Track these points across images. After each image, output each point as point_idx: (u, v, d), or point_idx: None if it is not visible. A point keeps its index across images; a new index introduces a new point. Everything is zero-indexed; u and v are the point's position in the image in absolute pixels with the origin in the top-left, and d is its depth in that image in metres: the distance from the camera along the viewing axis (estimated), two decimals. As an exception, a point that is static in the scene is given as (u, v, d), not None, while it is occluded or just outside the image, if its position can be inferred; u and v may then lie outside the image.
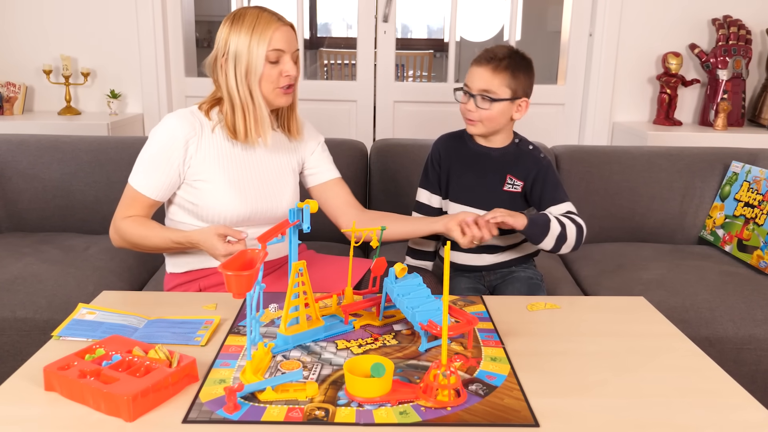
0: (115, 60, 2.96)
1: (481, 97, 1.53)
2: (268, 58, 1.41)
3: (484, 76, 1.52)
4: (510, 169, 1.62)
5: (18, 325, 1.61)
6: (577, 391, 1.00)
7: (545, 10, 5.10)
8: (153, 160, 1.45)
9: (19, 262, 1.79)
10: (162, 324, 1.20)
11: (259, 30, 1.40)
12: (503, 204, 1.59)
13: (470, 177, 1.64)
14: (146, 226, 1.45)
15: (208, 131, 1.48)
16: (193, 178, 1.46)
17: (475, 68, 1.55)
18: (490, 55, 1.53)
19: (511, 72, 1.52)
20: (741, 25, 2.86)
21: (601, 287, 1.85)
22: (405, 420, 0.91)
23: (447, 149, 1.68)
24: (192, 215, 1.49)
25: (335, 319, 1.23)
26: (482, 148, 1.63)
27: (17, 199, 2.12)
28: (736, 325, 1.67)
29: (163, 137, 1.44)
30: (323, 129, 1.80)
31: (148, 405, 0.92)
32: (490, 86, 1.52)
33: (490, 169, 1.63)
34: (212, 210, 1.47)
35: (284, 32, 1.43)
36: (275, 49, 1.41)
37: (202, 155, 1.46)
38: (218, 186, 1.46)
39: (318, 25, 6.12)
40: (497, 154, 1.63)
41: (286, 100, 1.48)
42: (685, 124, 3.01)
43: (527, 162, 1.62)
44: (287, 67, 1.43)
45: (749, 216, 1.96)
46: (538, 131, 3.03)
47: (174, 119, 1.45)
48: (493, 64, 1.52)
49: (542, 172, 1.60)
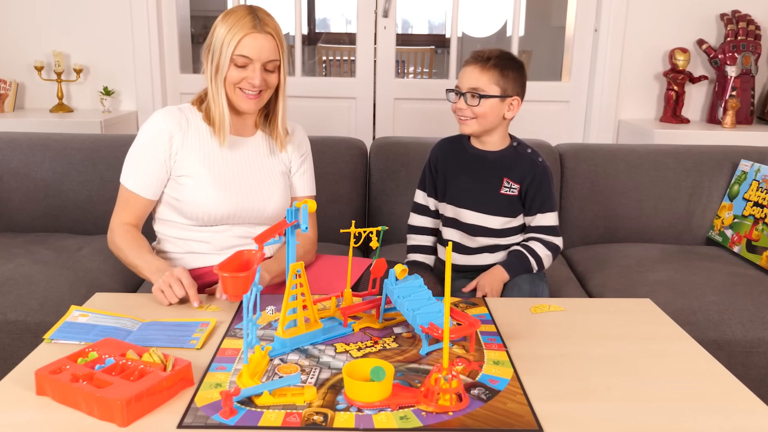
0: (109, 56, 2.96)
1: (470, 95, 1.57)
2: (234, 62, 1.44)
3: (473, 74, 1.58)
4: (507, 172, 1.63)
5: (9, 328, 1.61)
6: (582, 395, 1.00)
7: (549, 4, 5.10)
8: (140, 157, 1.49)
9: (10, 263, 1.79)
10: (156, 327, 1.20)
11: (233, 31, 1.43)
12: (500, 207, 1.64)
13: (467, 180, 1.66)
14: (130, 242, 1.46)
15: (195, 127, 1.51)
16: (178, 173, 1.49)
17: (464, 68, 1.61)
18: (478, 55, 1.60)
19: (499, 70, 1.57)
20: (750, 20, 2.86)
21: (607, 289, 1.85)
22: (405, 425, 0.91)
23: (444, 153, 1.72)
24: (176, 212, 1.51)
25: (334, 321, 1.23)
26: (479, 151, 1.66)
27: (8, 199, 2.12)
28: (745, 328, 1.67)
29: (149, 134, 1.49)
30: (321, 127, 1.80)
31: (142, 410, 0.92)
32: (478, 83, 1.57)
33: (487, 172, 1.65)
34: (195, 206, 1.49)
35: (256, 39, 1.43)
36: (241, 54, 1.43)
37: (187, 151, 1.49)
38: (201, 182, 1.48)
39: (316, 20, 6.13)
40: (494, 157, 1.65)
41: (248, 106, 1.49)
42: (693, 122, 3.01)
43: (524, 165, 1.63)
44: (252, 75, 1.45)
45: (758, 216, 1.96)
46: (542, 129, 3.03)
47: (159, 115, 1.50)
48: (480, 62, 1.58)
49: (537, 177, 1.62)
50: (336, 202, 2.07)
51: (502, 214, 1.64)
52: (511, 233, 1.67)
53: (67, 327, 1.19)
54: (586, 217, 2.19)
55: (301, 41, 3.10)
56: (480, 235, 1.66)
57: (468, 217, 1.66)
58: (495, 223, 1.65)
